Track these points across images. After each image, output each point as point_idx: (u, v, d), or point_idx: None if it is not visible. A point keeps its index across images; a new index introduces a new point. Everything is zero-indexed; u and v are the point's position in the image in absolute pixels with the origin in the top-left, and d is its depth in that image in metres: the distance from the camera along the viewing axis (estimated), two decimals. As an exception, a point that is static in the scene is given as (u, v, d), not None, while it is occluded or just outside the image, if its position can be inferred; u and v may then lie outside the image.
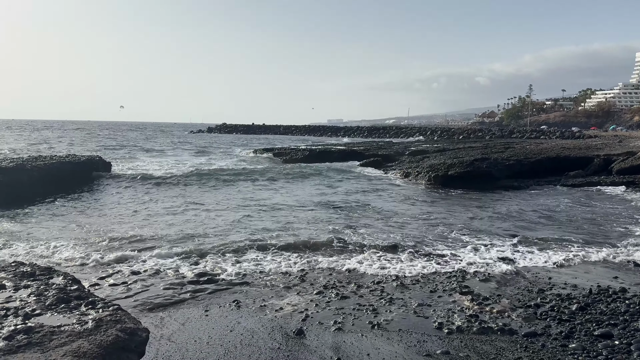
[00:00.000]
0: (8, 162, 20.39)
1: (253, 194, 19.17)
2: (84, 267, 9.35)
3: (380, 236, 12.06)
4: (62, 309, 4.65)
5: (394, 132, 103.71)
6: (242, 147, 55.14)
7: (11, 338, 3.92)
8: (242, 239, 11.58)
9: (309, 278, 8.98)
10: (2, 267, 6.14)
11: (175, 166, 31.06)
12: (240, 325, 6.71)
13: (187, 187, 21.38)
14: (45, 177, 19.61)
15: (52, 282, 5.49)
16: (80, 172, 22.38)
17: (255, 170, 27.75)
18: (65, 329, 4.17)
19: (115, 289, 8.22)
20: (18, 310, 4.51)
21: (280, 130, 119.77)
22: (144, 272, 9.21)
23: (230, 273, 9.11)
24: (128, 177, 23.54)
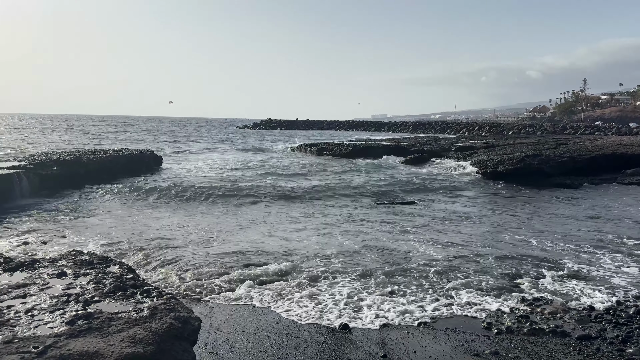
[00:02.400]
0: (66, 155, 21.44)
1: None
2: (133, 257, 9.70)
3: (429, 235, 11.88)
4: (119, 296, 4.84)
5: (440, 127, 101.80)
6: (285, 142, 55.58)
7: (73, 323, 4.12)
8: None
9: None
10: (63, 255, 6.47)
11: (223, 160, 31.69)
12: (287, 318, 6.80)
13: (229, 180, 21.82)
14: (100, 169, 20.49)
15: (108, 270, 5.73)
16: (132, 165, 23.23)
17: (299, 166, 27.93)
18: (123, 315, 4.35)
19: (167, 278, 8.50)
20: (78, 296, 4.74)
21: (324, 126, 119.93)
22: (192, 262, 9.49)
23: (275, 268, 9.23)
24: (176, 172, 24.18)
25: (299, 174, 24.02)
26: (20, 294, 4.81)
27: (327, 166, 27.37)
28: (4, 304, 4.50)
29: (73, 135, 59.34)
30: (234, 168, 26.51)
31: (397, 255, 9.90)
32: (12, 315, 4.25)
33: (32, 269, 5.73)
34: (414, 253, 10.08)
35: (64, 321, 4.13)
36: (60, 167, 18.74)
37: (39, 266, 5.85)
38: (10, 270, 5.72)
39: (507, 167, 22.88)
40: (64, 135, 57.17)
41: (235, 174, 23.85)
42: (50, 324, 4.09)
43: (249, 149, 43.79)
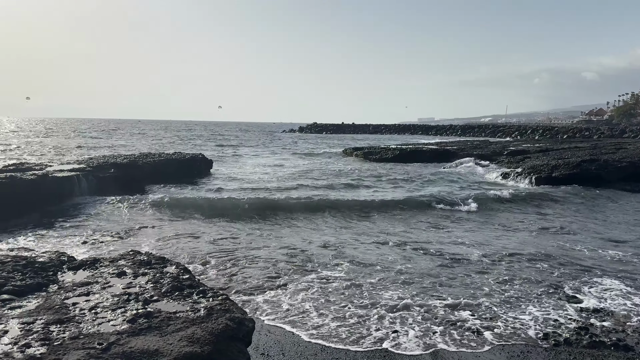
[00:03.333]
0: (122, 158, 22.34)
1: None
2: (187, 257, 9.95)
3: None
4: (177, 296, 4.99)
5: (490, 131, 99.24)
6: (331, 146, 55.71)
7: (134, 321, 4.27)
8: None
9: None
10: (122, 255, 6.72)
11: (271, 164, 32.12)
12: (334, 323, 6.79)
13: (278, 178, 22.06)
14: (154, 172, 21.22)
15: (165, 270, 5.91)
16: (184, 169, 23.91)
17: (346, 171, 27.93)
18: (180, 315, 4.47)
19: (218, 280, 8.68)
20: (138, 295, 4.91)
21: (369, 130, 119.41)
22: (241, 262, 9.67)
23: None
24: (227, 176, 24.67)
25: (351, 180, 23.88)
26: (84, 291, 5.04)
27: (380, 173, 27.08)
28: (70, 301, 4.73)
29: (131, 139, 61.75)
30: (283, 173, 26.72)
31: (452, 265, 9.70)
32: (77, 312, 4.45)
33: (94, 268, 6.00)
34: (469, 257, 9.86)
35: (125, 319, 4.29)
36: (117, 169, 19.52)
37: (100, 265, 6.11)
38: (74, 268, 6.00)
39: (563, 172, 22.01)
40: (121, 140, 59.60)
41: (285, 179, 24.06)
42: (113, 321, 4.26)
43: (296, 153, 44.15)
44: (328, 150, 46.80)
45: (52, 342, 3.79)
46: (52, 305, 4.60)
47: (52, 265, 5.95)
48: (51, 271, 5.76)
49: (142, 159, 22.30)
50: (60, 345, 3.74)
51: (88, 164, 19.68)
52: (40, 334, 3.92)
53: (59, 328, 4.05)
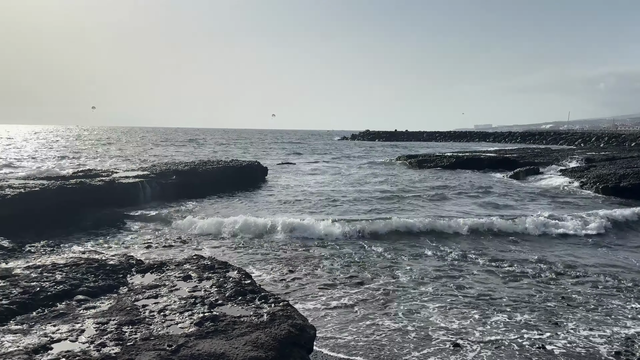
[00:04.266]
0: (183, 165, 23.13)
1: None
2: (247, 263, 10.12)
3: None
4: (240, 301, 5.06)
5: (552, 138, 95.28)
6: (385, 153, 55.31)
7: (201, 324, 4.37)
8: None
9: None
10: (186, 259, 6.92)
11: (326, 171, 32.26)
12: (390, 330, 6.69)
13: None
14: (212, 179, 21.83)
15: (228, 275, 6.02)
16: (241, 176, 24.45)
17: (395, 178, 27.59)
18: (245, 320, 4.53)
19: (275, 285, 8.77)
20: (204, 299, 5.02)
21: (423, 137, 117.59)
22: (299, 270, 9.73)
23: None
24: (282, 184, 24.95)
25: (408, 188, 23.64)
26: (152, 294, 5.21)
27: (447, 185, 26.54)
28: (140, 303, 4.91)
29: (191, 147, 63.90)
30: (340, 182, 26.65)
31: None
32: (147, 314, 4.61)
33: (161, 271, 6.20)
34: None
35: (192, 322, 4.40)
36: (178, 176, 20.22)
37: (167, 269, 6.31)
38: (142, 271, 6.23)
39: (632, 181, 20.77)
40: (184, 147, 61.79)
41: (341, 187, 24.09)
42: (181, 324, 4.37)
43: (349, 160, 44.14)
44: (381, 158, 46.48)
45: (125, 342, 3.93)
46: (124, 306, 4.79)
47: (122, 268, 6.20)
48: (121, 274, 6.01)
49: (201, 167, 22.99)
50: (132, 346, 3.88)
51: (151, 171, 20.51)
52: (114, 334, 4.09)
53: (131, 329, 4.21)
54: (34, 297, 4.99)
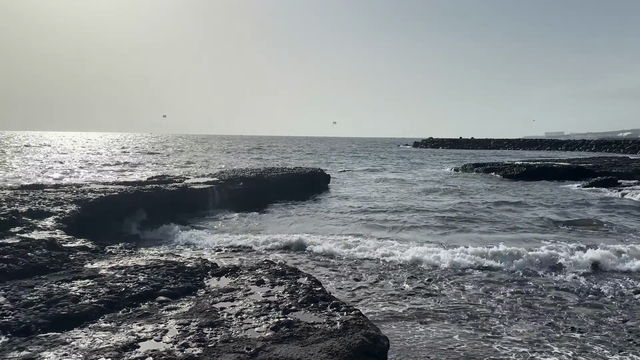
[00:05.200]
0: (250, 172, 23.75)
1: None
2: (314, 270, 10.20)
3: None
4: (312, 307, 5.12)
5: (630, 147, 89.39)
6: (450, 161, 54.09)
7: (277, 329, 4.46)
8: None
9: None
10: (258, 265, 7.09)
11: (389, 179, 32.00)
12: (458, 346, 6.49)
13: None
14: (277, 186, 22.27)
15: (299, 281, 6.11)
16: (304, 183, 24.76)
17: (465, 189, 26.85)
18: (318, 327, 4.58)
19: (341, 293, 8.77)
20: (278, 304, 5.12)
21: (490, 145, 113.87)
22: (364, 279, 9.67)
23: (446, 288, 8.93)
24: (346, 192, 24.99)
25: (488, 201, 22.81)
26: (229, 297, 5.38)
27: (527, 203, 25.58)
28: (218, 306, 5.08)
29: (256, 154, 65.55)
30: (403, 191, 26.31)
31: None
32: (225, 316, 4.76)
33: (235, 275, 6.39)
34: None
35: (268, 327, 4.49)
36: (245, 183, 20.77)
37: (240, 273, 6.49)
38: (217, 275, 6.45)
39: None
40: (249, 154, 63.52)
41: (406, 197, 23.80)
42: (258, 328, 4.48)
43: (413, 169, 43.54)
44: (446, 167, 45.50)
45: (207, 343, 4.08)
46: (203, 308, 4.97)
47: (199, 271, 6.45)
48: (198, 276, 6.25)
49: (266, 174, 23.50)
50: (214, 348, 4.02)
51: (220, 177, 21.20)
52: (196, 335, 4.25)
53: (211, 331, 4.36)
54: (120, 296, 5.29)
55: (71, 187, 16.15)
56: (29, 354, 3.89)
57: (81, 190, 14.96)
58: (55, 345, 4.05)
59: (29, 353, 3.91)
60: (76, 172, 32.86)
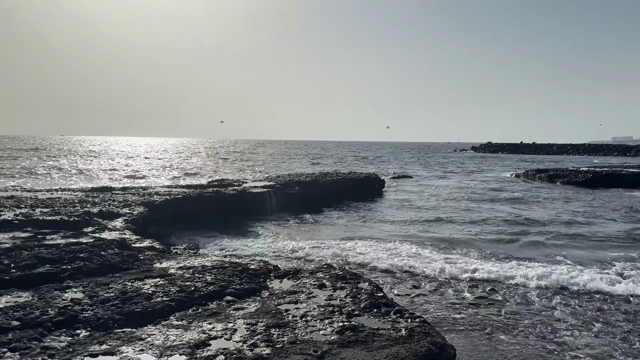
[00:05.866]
0: (305, 177, 24.01)
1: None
2: (375, 277, 10.16)
3: None
4: (375, 313, 5.10)
5: None
6: (510, 167, 52.33)
7: (342, 333, 4.48)
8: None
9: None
10: (318, 268, 7.15)
11: (448, 186, 31.39)
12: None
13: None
14: (332, 191, 22.37)
15: (360, 286, 6.10)
16: (359, 188, 24.72)
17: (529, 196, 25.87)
18: (383, 332, 4.56)
19: (401, 299, 8.68)
20: (341, 308, 5.15)
21: (552, 150, 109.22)
22: (423, 287, 9.52)
23: (510, 299, 8.63)
24: (399, 201, 24.72)
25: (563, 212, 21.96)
26: (292, 299, 5.46)
27: (588, 208, 24.51)
28: (282, 307, 5.17)
29: (310, 159, 66.20)
30: (461, 197, 25.73)
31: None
32: (290, 318, 4.84)
33: (296, 278, 6.48)
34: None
35: (333, 330, 4.52)
36: (301, 187, 21.00)
37: (301, 276, 6.57)
38: (280, 277, 6.56)
39: None
40: (304, 159, 64.25)
41: (464, 204, 23.26)
42: (323, 331, 4.52)
43: (471, 174, 42.46)
44: (505, 172, 44.07)
45: (275, 344, 4.16)
46: (269, 310, 5.07)
47: (262, 272, 6.59)
48: (261, 278, 6.38)
49: (322, 178, 23.66)
50: (281, 349, 4.09)
51: (277, 182, 21.55)
52: (264, 335, 4.35)
53: (278, 332, 4.44)
54: (189, 295, 5.49)
55: (138, 189, 16.93)
56: (109, 348, 4.11)
57: (147, 192, 15.65)
58: (132, 341, 4.26)
59: (109, 347, 4.13)
60: (141, 175, 34.42)
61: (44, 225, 9.92)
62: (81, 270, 6.59)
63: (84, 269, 6.63)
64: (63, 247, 7.56)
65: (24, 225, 9.83)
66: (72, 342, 4.28)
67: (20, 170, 36.69)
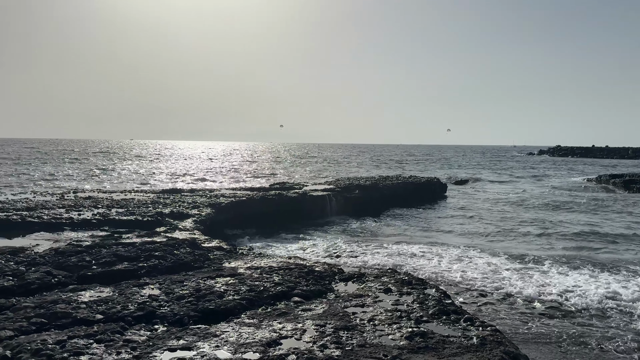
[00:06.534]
0: (364, 180, 23.95)
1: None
2: (441, 283, 9.97)
3: None
4: (445, 320, 5.01)
5: None
6: (581, 173, 49.69)
7: (411, 338, 4.44)
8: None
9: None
10: (383, 273, 7.12)
11: (516, 191, 30.29)
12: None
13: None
14: (392, 195, 22.18)
15: (427, 292, 6.02)
16: (420, 192, 24.35)
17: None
18: (453, 340, 4.47)
19: (468, 307, 8.47)
20: (409, 314, 5.10)
21: (627, 154, 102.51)
22: (490, 295, 9.24)
23: (583, 311, 8.20)
24: (462, 205, 24.08)
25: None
26: (359, 303, 5.48)
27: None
28: (349, 310, 5.19)
29: (369, 162, 66.01)
30: (530, 204, 24.48)
31: None
32: (358, 321, 4.85)
33: (361, 282, 6.48)
34: None
35: (402, 335, 4.49)
36: (360, 191, 20.97)
37: (366, 280, 6.57)
38: (344, 280, 6.59)
39: None
40: (362, 162, 64.17)
41: (532, 212, 22.36)
42: (391, 335, 4.50)
43: (540, 180, 40.69)
44: (576, 176, 41.92)
45: (344, 346, 4.19)
46: (336, 312, 5.11)
47: (327, 275, 6.65)
48: (327, 280, 6.44)
49: (382, 182, 23.52)
50: (351, 351, 4.11)
51: (336, 185, 21.65)
52: (333, 337, 4.39)
53: (347, 334, 4.47)
54: (259, 295, 5.63)
55: (204, 191, 17.56)
56: (186, 343, 4.30)
57: (213, 194, 16.19)
58: (207, 337, 4.43)
59: (186, 342, 4.31)
60: (205, 177, 35.64)
61: (120, 224, 10.51)
62: (156, 267, 6.92)
63: (159, 267, 6.96)
64: (139, 245, 7.96)
65: (101, 225, 10.47)
66: (152, 336, 4.50)
67: (95, 172, 39.05)
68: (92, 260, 7.01)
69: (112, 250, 7.58)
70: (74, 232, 9.65)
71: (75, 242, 8.40)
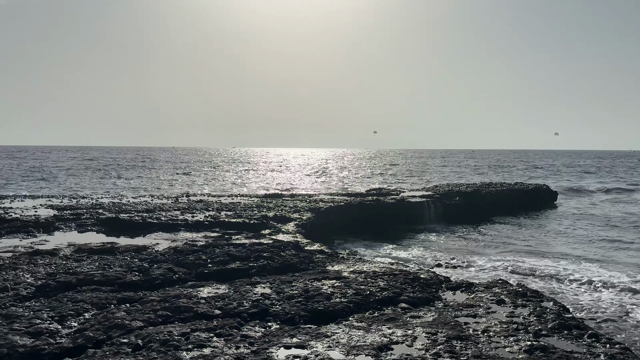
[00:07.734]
0: (466, 187, 23.13)
1: None
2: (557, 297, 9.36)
3: None
4: (566, 335, 4.69)
5: None
6: None
7: (530, 352, 4.21)
8: None
9: None
10: (493, 283, 6.81)
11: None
12: None
13: None
14: (496, 202, 21.18)
15: (544, 305, 5.67)
16: (526, 200, 23.01)
17: None
18: (578, 356, 4.17)
19: (587, 323, 7.84)
20: (526, 327, 4.83)
21: None
22: (608, 310, 8.49)
23: None
24: (572, 214, 22.28)
25: None
26: (470, 313, 5.29)
27: None
28: (461, 320, 5.04)
29: (466, 168, 63.74)
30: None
31: None
32: (471, 332, 4.69)
33: (470, 292, 6.26)
34: None
35: (521, 349, 4.27)
36: (461, 198, 20.28)
37: (475, 290, 6.33)
38: (452, 289, 6.41)
39: None
40: (459, 168, 62.12)
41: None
42: (509, 348, 4.30)
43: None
44: None
45: (459, 356, 4.07)
46: (446, 321, 4.99)
47: (433, 283, 6.50)
48: (433, 288, 6.30)
49: (484, 189, 22.56)
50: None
51: (435, 192, 21.14)
52: (446, 346, 4.28)
53: (461, 344, 4.34)
54: (365, 299, 5.65)
55: (304, 196, 18.02)
56: (299, 341, 4.43)
57: (313, 199, 16.56)
58: (319, 337, 4.52)
59: (299, 341, 4.44)
60: (303, 183, 36.56)
61: (229, 226, 11.09)
62: (265, 268, 7.21)
63: (267, 267, 7.25)
64: (248, 246, 8.35)
65: (212, 226, 11.12)
66: (266, 332, 4.69)
67: (206, 177, 41.67)
68: (207, 259, 7.47)
69: (225, 250, 8.02)
70: (188, 233, 10.36)
71: (191, 242, 9.02)
